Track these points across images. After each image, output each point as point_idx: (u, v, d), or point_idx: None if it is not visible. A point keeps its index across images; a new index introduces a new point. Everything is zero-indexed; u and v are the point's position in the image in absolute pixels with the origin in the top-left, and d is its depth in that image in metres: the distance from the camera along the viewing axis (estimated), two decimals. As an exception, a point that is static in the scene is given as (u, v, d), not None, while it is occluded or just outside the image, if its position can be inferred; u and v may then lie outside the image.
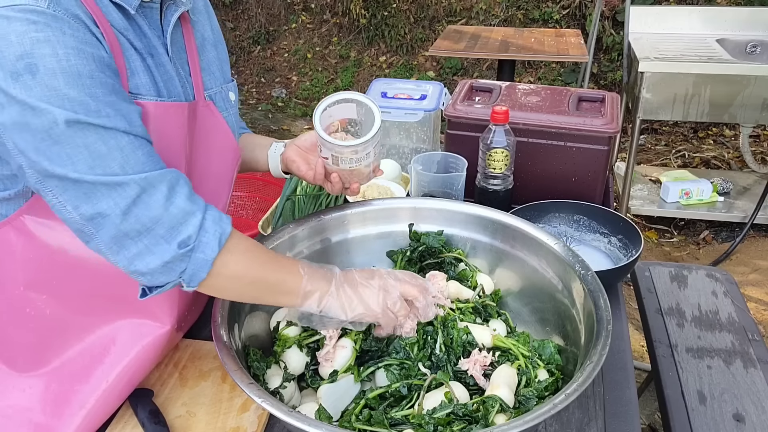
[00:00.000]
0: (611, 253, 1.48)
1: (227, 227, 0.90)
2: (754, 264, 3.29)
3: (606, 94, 1.71)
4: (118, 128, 0.81)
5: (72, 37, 0.78)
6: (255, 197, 3.14)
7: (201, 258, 0.87)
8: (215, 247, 0.88)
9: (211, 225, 0.88)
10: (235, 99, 1.13)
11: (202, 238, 0.87)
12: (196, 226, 0.86)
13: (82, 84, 0.78)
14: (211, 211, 0.90)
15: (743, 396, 1.58)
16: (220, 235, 0.88)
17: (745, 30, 3.37)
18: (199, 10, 1.09)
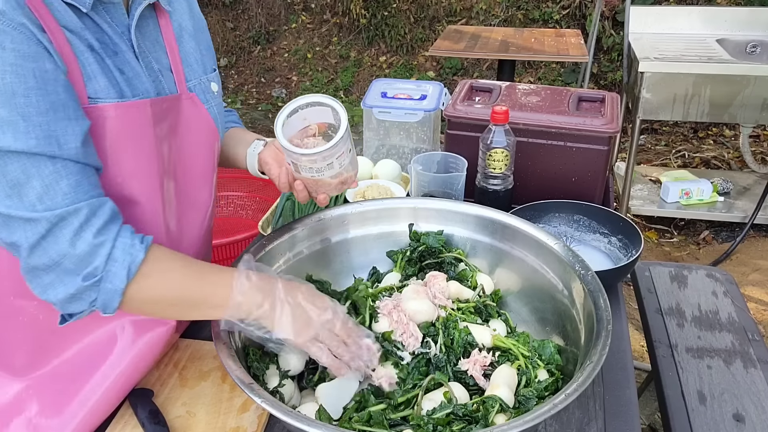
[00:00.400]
0: (611, 253, 1.48)
1: (138, 255, 0.87)
2: (754, 264, 3.29)
3: (606, 94, 1.71)
4: (45, 153, 0.80)
5: (12, 52, 0.77)
6: (255, 197, 3.14)
7: (110, 288, 0.85)
8: (123, 278, 0.85)
9: (121, 254, 0.85)
10: (218, 90, 1.11)
11: (110, 269, 0.85)
12: (104, 257, 0.84)
13: (14, 104, 0.77)
14: (124, 238, 0.87)
15: (743, 396, 1.58)
16: (129, 265, 0.86)
17: (745, 30, 3.37)
18: (174, 1, 1.06)
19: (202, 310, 0.95)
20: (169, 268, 0.91)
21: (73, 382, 1.03)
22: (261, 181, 3.10)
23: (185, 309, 0.95)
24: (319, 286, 1.23)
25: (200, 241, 1.16)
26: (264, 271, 0.99)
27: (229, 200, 3.15)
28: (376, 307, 1.12)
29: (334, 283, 1.27)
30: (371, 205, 1.32)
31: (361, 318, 1.10)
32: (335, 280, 1.28)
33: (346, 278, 1.30)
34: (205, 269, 0.95)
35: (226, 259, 2.52)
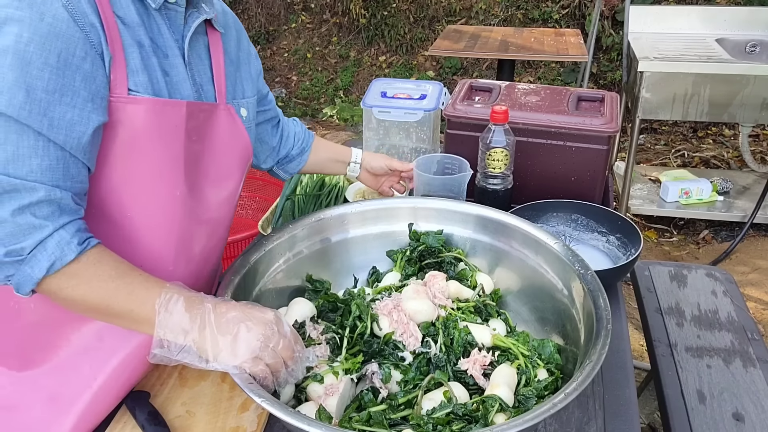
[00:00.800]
0: (610, 252, 1.48)
1: (68, 255, 0.85)
2: (753, 263, 3.29)
3: (605, 94, 1.72)
4: (32, 126, 0.81)
5: (48, 26, 0.80)
6: (255, 197, 3.14)
7: (27, 272, 0.84)
8: (43, 269, 0.84)
9: (52, 246, 0.84)
10: (246, 116, 1.15)
11: (35, 254, 0.84)
12: (36, 241, 0.83)
13: (26, 72, 0.79)
14: (65, 232, 0.85)
15: (743, 395, 1.58)
16: (54, 260, 0.84)
17: (744, 30, 3.37)
18: (227, 27, 1.14)
19: (125, 322, 0.93)
20: (98, 275, 0.89)
21: (65, 380, 1.03)
22: (261, 181, 3.10)
23: (107, 317, 0.94)
24: (319, 285, 1.23)
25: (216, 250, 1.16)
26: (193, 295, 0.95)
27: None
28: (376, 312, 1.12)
29: (334, 282, 1.28)
30: (371, 204, 1.32)
31: (363, 325, 1.09)
32: (335, 279, 1.28)
33: (346, 278, 1.31)
34: (135, 283, 0.91)
35: (225, 259, 2.52)
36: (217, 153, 1.07)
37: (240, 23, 1.22)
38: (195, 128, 1.00)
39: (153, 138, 0.92)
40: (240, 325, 0.91)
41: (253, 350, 0.89)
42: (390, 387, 1.03)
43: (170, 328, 0.89)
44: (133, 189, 0.95)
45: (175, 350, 0.89)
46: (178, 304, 0.90)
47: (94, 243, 0.89)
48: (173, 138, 0.95)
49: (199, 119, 1.00)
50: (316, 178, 1.74)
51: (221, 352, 0.89)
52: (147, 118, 0.91)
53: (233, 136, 1.10)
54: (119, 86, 0.88)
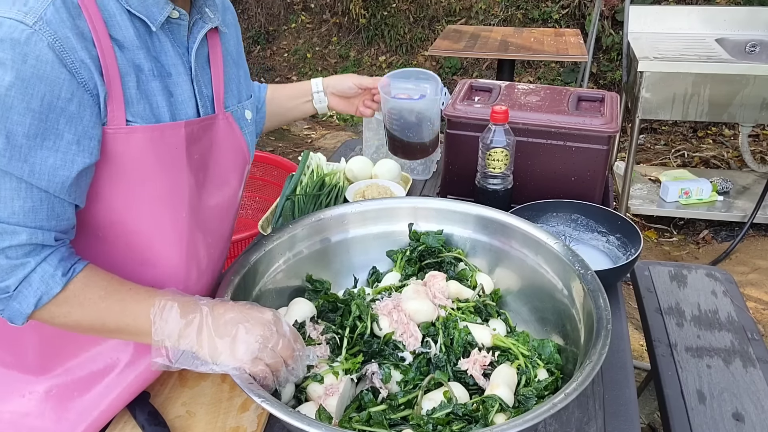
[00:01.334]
0: (610, 252, 1.48)
1: (54, 287, 0.86)
2: (753, 263, 3.29)
3: (605, 94, 1.72)
4: (12, 173, 0.79)
5: (31, 68, 0.76)
6: (255, 197, 3.14)
7: (17, 307, 0.85)
8: (31, 304, 0.85)
9: (37, 281, 0.85)
10: (252, 117, 1.12)
11: (22, 290, 0.85)
12: (20, 278, 0.84)
13: (6, 117, 0.77)
14: (47, 264, 0.85)
15: (743, 395, 1.58)
16: (41, 294, 0.85)
17: (744, 29, 3.37)
18: (228, 24, 1.10)
19: (125, 336, 0.94)
20: (87, 298, 0.89)
21: (78, 391, 1.04)
22: (261, 181, 3.10)
23: (106, 335, 0.94)
24: (319, 285, 1.23)
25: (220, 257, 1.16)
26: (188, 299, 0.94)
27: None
28: (376, 312, 1.12)
29: (334, 282, 1.27)
30: (371, 204, 1.32)
31: (363, 325, 1.10)
32: (335, 279, 1.28)
33: (346, 278, 1.31)
34: (126, 299, 0.91)
35: (226, 259, 2.51)
36: (216, 164, 1.04)
37: (234, 13, 1.18)
38: (196, 145, 0.97)
39: (155, 165, 0.90)
40: (238, 326, 0.90)
41: (253, 351, 0.89)
42: (390, 387, 1.03)
43: (167, 335, 0.89)
44: (138, 215, 0.93)
45: (174, 357, 0.90)
46: (172, 310, 0.90)
47: (80, 268, 0.89)
48: (175, 161, 0.93)
49: (198, 135, 0.98)
50: (316, 178, 1.73)
51: (220, 354, 0.89)
52: (147, 146, 0.88)
53: (231, 145, 1.07)
54: (117, 118, 0.85)
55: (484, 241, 1.28)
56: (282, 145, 4.83)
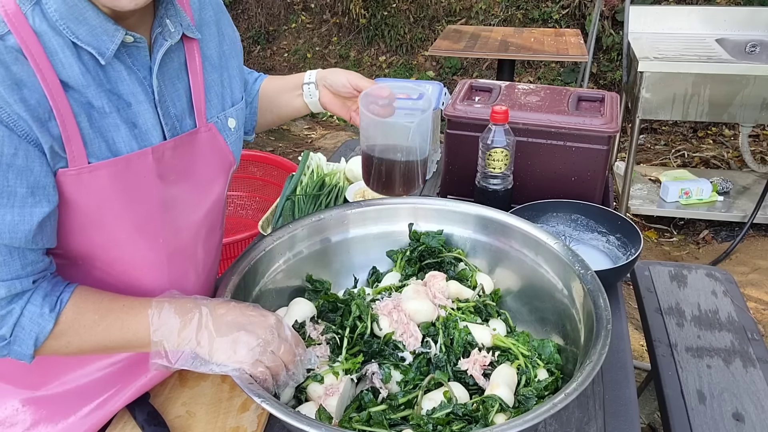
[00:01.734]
0: (610, 252, 1.48)
1: (47, 325, 0.86)
2: (753, 263, 3.29)
3: (605, 94, 1.72)
4: None
5: None
6: (255, 197, 3.14)
7: (18, 350, 0.87)
8: (31, 345, 0.86)
9: (28, 323, 0.85)
10: (235, 125, 1.05)
11: (18, 334, 0.85)
12: (11, 326, 0.84)
13: None
14: (33, 305, 0.85)
15: (743, 395, 1.58)
16: (36, 335, 0.86)
17: (744, 30, 3.37)
18: (206, 23, 1.01)
19: (129, 350, 0.94)
20: (82, 325, 0.89)
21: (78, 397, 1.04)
22: (261, 181, 3.10)
23: (109, 351, 0.94)
24: (319, 285, 1.23)
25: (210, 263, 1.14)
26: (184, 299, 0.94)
27: (229, 200, 3.15)
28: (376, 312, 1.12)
29: (334, 283, 1.27)
30: (371, 204, 1.32)
31: (363, 326, 1.09)
32: (335, 279, 1.28)
33: (346, 278, 1.31)
34: (122, 316, 0.90)
35: (226, 259, 2.52)
36: (197, 177, 1.00)
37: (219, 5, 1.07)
38: (170, 166, 0.93)
39: (123, 198, 0.88)
40: (240, 327, 0.90)
41: (253, 353, 0.89)
42: (390, 387, 1.03)
43: (165, 336, 0.89)
44: (113, 247, 0.92)
45: (173, 357, 0.90)
46: (169, 311, 0.90)
47: (66, 298, 0.88)
48: (146, 189, 0.90)
49: (172, 156, 0.93)
50: (316, 178, 1.73)
51: (221, 354, 0.89)
52: (113, 181, 0.86)
53: (214, 155, 1.02)
54: (78, 158, 0.82)
55: (484, 241, 1.28)
56: (282, 145, 4.84)
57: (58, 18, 0.79)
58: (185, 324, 0.89)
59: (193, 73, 0.97)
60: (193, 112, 0.97)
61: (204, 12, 1.01)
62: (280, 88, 1.23)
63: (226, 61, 1.05)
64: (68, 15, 0.80)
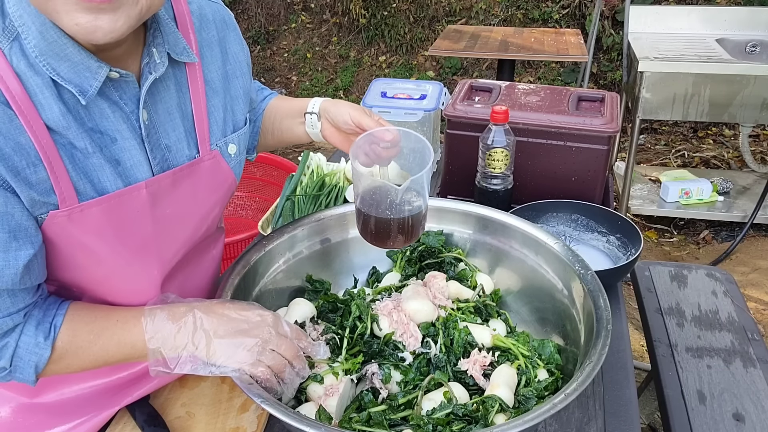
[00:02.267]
0: (610, 252, 1.48)
1: (44, 353, 0.86)
2: (754, 264, 3.29)
3: (606, 94, 1.71)
4: None
5: None
6: (255, 197, 3.14)
7: (21, 378, 0.87)
8: (32, 373, 0.87)
9: (25, 353, 0.86)
10: (236, 152, 1.02)
11: (17, 364, 0.86)
12: (8, 358, 0.85)
13: None
14: (27, 336, 0.85)
15: (743, 395, 1.58)
16: (36, 363, 0.86)
17: (744, 30, 3.37)
18: (207, 45, 0.96)
19: (130, 361, 0.93)
20: (79, 347, 0.89)
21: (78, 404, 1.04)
22: (261, 181, 3.10)
23: (112, 365, 0.94)
24: (319, 286, 1.23)
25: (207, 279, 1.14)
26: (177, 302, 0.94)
27: (229, 200, 3.15)
28: (376, 313, 1.12)
29: (334, 283, 1.27)
30: (371, 205, 1.32)
31: (363, 326, 1.09)
32: (335, 280, 1.28)
33: (346, 278, 1.30)
34: (117, 333, 0.90)
35: (226, 260, 2.52)
36: (198, 204, 0.98)
37: (225, 16, 1.01)
38: (166, 199, 0.91)
39: (117, 233, 0.86)
40: (236, 328, 0.90)
41: (252, 354, 0.89)
42: (390, 387, 1.03)
43: (162, 343, 0.89)
44: (107, 281, 0.92)
45: (172, 363, 0.89)
46: (162, 317, 0.90)
47: (59, 322, 0.88)
48: (139, 222, 0.88)
49: (170, 188, 0.91)
50: (316, 179, 1.73)
51: (219, 356, 0.88)
52: (104, 218, 0.84)
53: (217, 181, 0.99)
54: (68, 199, 0.80)
55: (484, 241, 1.28)
56: (282, 146, 4.83)
57: (38, 54, 0.75)
58: (179, 328, 0.89)
59: (196, 100, 0.94)
60: (191, 140, 0.94)
61: (206, 32, 0.97)
62: (284, 113, 1.19)
63: (229, 83, 1.01)
64: (48, 51, 0.75)
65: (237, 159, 1.03)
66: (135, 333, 0.89)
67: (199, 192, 0.97)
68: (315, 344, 0.97)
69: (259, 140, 1.23)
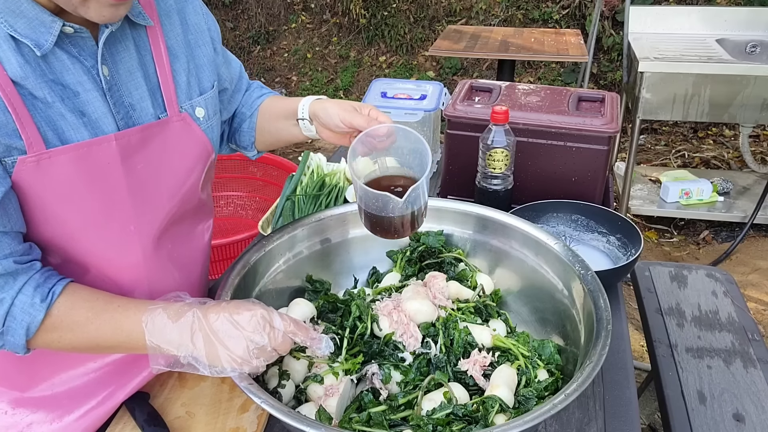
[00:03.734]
0: (610, 252, 1.48)
1: (38, 315, 0.86)
2: (753, 264, 3.29)
3: (606, 94, 1.71)
4: None
5: None
6: (255, 197, 3.14)
7: (11, 341, 0.87)
8: (22, 335, 0.86)
9: (19, 313, 0.86)
10: (204, 115, 1.04)
11: (10, 324, 0.86)
12: (2, 315, 0.85)
13: None
14: (24, 295, 0.86)
15: (743, 396, 1.58)
16: (27, 324, 0.86)
17: (744, 30, 3.37)
18: (166, 14, 1.00)
19: (121, 351, 0.94)
20: (75, 321, 0.89)
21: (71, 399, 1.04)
22: (261, 181, 3.10)
23: (102, 351, 0.94)
24: (319, 286, 1.23)
25: (194, 257, 1.14)
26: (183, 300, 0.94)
27: (229, 200, 3.15)
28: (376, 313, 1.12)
29: (334, 283, 1.27)
30: (371, 205, 1.32)
31: (363, 326, 1.09)
32: (335, 280, 1.28)
33: (346, 278, 1.30)
34: (116, 317, 0.90)
35: (226, 260, 2.52)
36: (172, 167, 0.99)
37: None
38: (138, 155, 0.93)
39: (86, 183, 0.88)
40: (229, 330, 0.89)
41: (250, 354, 0.88)
42: (390, 388, 1.03)
43: (161, 342, 0.89)
44: (83, 235, 0.92)
45: (171, 361, 0.89)
46: (163, 318, 0.90)
47: (59, 290, 0.88)
48: (109, 176, 0.90)
49: (140, 144, 0.93)
50: (316, 179, 1.73)
51: (216, 358, 0.88)
52: (73, 166, 0.86)
53: (190, 145, 1.01)
54: (35, 144, 0.83)
55: (485, 241, 1.28)
56: (282, 146, 4.83)
57: None
58: (180, 328, 0.89)
59: (159, 63, 0.97)
60: (156, 101, 0.97)
61: (163, 2, 1.00)
62: (278, 114, 1.20)
63: (192, 51, 1.03)
64: (5, 8, 0.80)
65: (207, 123, 1.05)
66: (133, 321, 0.90)
67: (171, 152, 0.99)
68: (317, 338, 0.96)
69: (257, 138, 1.25)
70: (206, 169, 1.07)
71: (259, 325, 0.90)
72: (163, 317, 0.90)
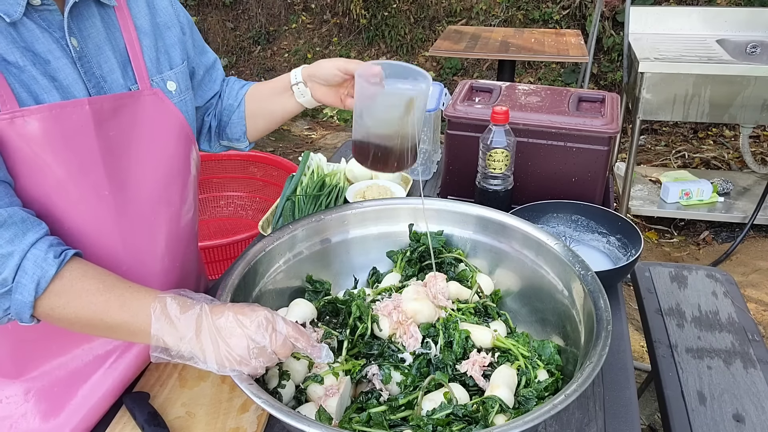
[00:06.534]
0: (610, 253, 1.48)
1: (50, 270, 0.86)
2: (754, 264, 3.29)
3: (606, 95, 1.71)
4: None
5: None
6: (255, 197, 3.14)
7: (19, 299, 0.86)
8: (32, 290, 0.85)
9: (31, 267, 0.85)
10: (176, 89, 1.08)
11: (20, 280, 0.85)
12: (13, 268, 0.84)
13: None
14: (38, 250, 0.86)
15: (743, 396, 1.58)
16: (38, 279, 0.85)
17: (744, 30, 3.37)
18: None
19: (121, 334, 0.93)
20: (85, 289, 0.88)
21: (61, 389, 1.04)
22: (261, 181, 3.11)
23: (103, 331, 0.92)
24: (319, 286, 1.23)
25: (177, 242, 1.14)
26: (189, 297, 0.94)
27: (229, 200, 3.15)
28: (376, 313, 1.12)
29: (334, 283, 1.27)
30: (371, 205, 1.32)
31: (364, 326, 1.09)
32: (335, 280, 1.28)
33: (346, 278, 1.30)
34: (126, 295, 0.90)
35: (226, 260, 2.52)
36: (146, 138, 1.03)
37: None
38: (110, 122, 0.96)
39: (59, 144, 0.90)
40: (233, 331, 0.89)
41: (249, 355, 0.88)
42: (390, 388, 1.03)
43: (166, 333, 0.89)
44: (62, 197, 0.93)
45: (173, 354, 0.89)
46: (172, 310, 0.90)
47: (71, 254, 0.89)
48: (82, 139, 0.93)
49: (111, 113, 0.97)
50: (316, 179, 1.73)
51: (216, 357, 0.88)
52: (46, 126, 0.89)
53: (164, 120, 1.05)
54: (8, 102, 0.86)
55: (485, 241, 1.28)
56: (282, 146, 4.84)
57: None
58: (187, 325, 0.89)
59: (129, 39, 1.01)
60: (128, 74, 1.00)
61: None
62: (269, 92, 1.25)
63: (162, 32, 1.08)
64: None
65: (180, 97, 1.09)
66: (142, 304, 0.90)
67: (144, 124, 1.02)
68: (317, 347, 0.96)
69: (248, 126, 1.29)
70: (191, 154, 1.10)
71: (261, 325, 0.90)
72: (172, 306, 0.90)
